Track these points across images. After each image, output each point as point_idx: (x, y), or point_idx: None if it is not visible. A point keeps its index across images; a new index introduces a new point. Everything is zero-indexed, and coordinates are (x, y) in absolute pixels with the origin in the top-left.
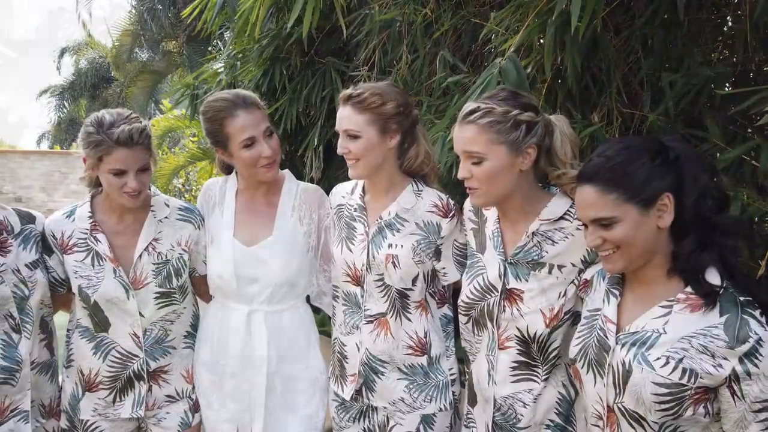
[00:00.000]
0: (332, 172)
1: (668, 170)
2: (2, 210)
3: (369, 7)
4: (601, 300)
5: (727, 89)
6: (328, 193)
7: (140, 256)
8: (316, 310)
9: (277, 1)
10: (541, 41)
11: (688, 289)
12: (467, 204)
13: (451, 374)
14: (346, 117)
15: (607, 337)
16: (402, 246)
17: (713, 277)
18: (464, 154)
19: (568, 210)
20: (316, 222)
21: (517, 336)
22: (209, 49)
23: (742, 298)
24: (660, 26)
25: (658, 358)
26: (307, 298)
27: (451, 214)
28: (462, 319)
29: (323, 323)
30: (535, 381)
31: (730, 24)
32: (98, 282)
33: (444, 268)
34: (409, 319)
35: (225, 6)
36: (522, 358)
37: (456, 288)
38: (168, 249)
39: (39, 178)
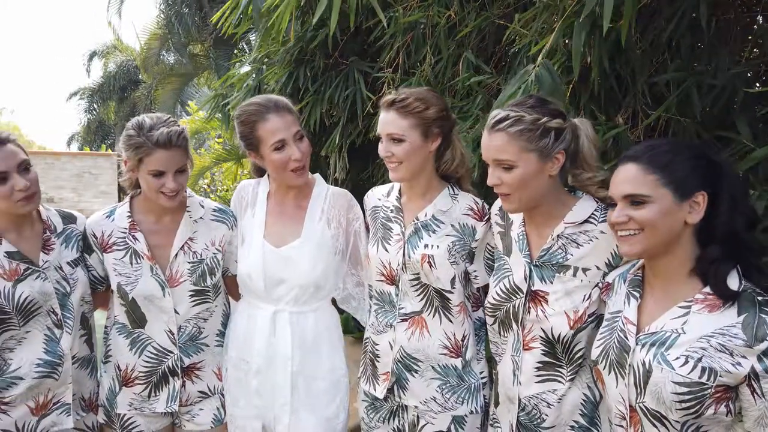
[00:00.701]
0: (356, 173)
1: (709, 175)
2: (45, 210)
3: (393, 9)
4: (621, 302)
5: (757, 88)
6: (354, 194)
7: (176, 254)
8: (339, 311)
9: (302, 5)
10: (566, 42)
11: (707, 289)
12: (494, 207)
13: (482, 377)
14: (390, 121)
15: (627, 338)
16: (438, 246)
17: (733, 279)
18: (494, 162)
19: (593, 213)
20: (344, 226)
21: (541, 337)
22: (235, 52)
23: (760, 298)
24: (687, 27)
25: (677, 358)
26: (334, 302)
27: (486, 218)
28: (488, 320)
29: (346, 326)
30: (559, 381)
31: (760, 22)
32: (136, 279)
33: (475, 270)
34: (451, 321)
35: (249, 8)
36: (547, 359)
37: (485, 291)
38: (203, 248)
39: (70, 179)
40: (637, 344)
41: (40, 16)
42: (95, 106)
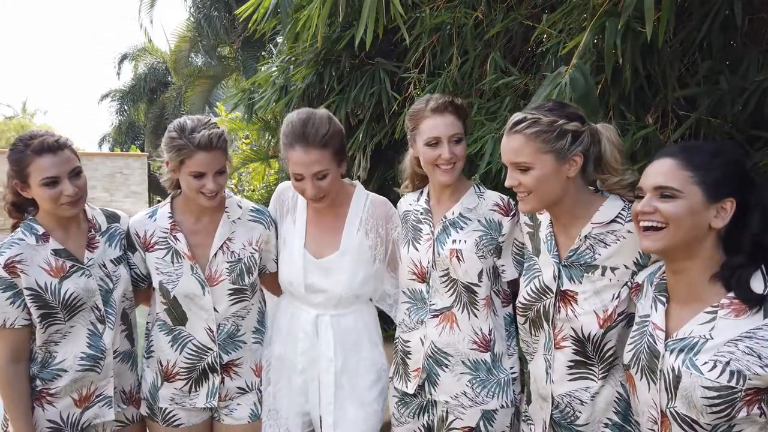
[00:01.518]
0: (381, 173)
1: (740, 184)
2: (91, 209)
3: (420, 10)
4: (649, 306)
5: None
6: (380, 194)
7: (215, 254)
8: None
9: (331, 8)
10: (596, 41)
11: (732, 294)
12: None
13: (513, 373)
14: (450, 123)
15: (656, 343)
16: (465, 241)
17: (757, 281)
18: (512, 164)
19: (620, 213)
20: (383, 236)
21: (572, 336)
22: (263, 53)
23: None
24: (719, 27)
25: (705, 363)
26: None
27: (512, 213)
28: (519, 319)
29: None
30: (591, 380)
31: None
32: (177, 278)
33: (503, 265)
34: (476, 316)
35: (277, 8)
36: (578, 357)
37: (514, 290)
38: (240, 248)
39: (102, 179)
40: (666, 350)
41: (72, 20)
42: (126, 107)
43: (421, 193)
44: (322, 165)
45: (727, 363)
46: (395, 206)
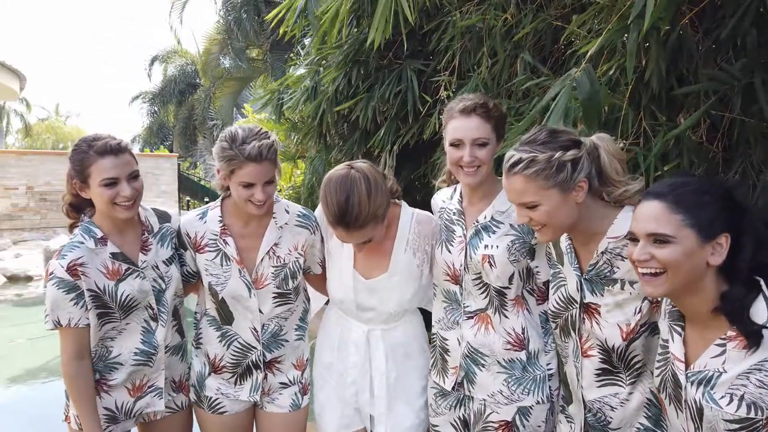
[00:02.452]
0: (407, 173)
1: (732, 216)
2: (144, 210)
3: (450, 14)
4: (666, 333)
5: None
6: (407, 194)
7: (262, 259)
8: None
9: (356, 9)
10: (624, 42)
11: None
12: None
13: (549, 369)
14: (475, 126)
15: (678, 373)
16: (497, 247)
17: (760, 308)
18: (518, 204)
19: None
20: (429, 253)
21: (598, 345)
22: (291, 55)
23: None
24: (752, 25)
25: (722, 397)
26: None
27: None
28: (552, 325)
29: None
30: (620, 386)
31: None
32: (225, 280)
33: (537, 266)
34: (506, 316)
35: (306, 10)
36: (605, 366)
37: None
38: (286, 253)
39: None
40: (687, 381)
41: (71, 21)
42: (156, 108)
43: (455, 190)
44: (366, 236)
45: (742, 397)
46: (434, 204)
